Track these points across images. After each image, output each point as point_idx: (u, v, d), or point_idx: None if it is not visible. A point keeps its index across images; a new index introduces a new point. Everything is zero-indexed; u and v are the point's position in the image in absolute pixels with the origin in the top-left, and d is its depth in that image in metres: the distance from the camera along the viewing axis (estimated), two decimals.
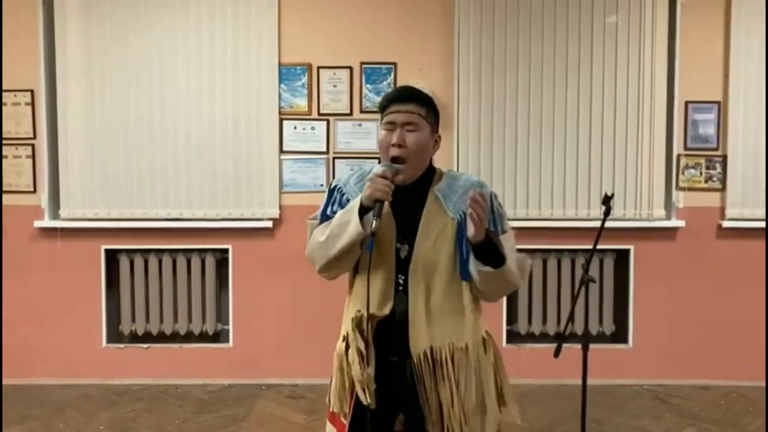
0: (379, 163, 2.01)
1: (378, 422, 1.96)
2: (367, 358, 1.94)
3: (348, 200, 1.98)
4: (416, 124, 1.93)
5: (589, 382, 4.15)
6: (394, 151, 1.90)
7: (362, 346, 1.93)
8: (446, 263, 1.92)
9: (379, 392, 1.94)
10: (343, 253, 1.91)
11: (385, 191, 1.84)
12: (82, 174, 4.39)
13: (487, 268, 1.84)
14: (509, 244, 1.93)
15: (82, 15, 4.34)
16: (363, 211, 1.87)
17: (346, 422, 2.00)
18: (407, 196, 1.95)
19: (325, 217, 2.02)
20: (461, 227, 1.90)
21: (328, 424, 2.10)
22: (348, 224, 1.87)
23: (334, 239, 1.90)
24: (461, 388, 1.92)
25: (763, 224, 4.38)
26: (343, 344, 2.00)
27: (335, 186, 2.06)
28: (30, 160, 4.41)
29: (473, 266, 1.88)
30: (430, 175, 2.01)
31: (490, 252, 1.83)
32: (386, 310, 1.93)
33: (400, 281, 1.94)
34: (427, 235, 1.93)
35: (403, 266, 1.94)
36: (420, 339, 1.92)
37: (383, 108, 1.98)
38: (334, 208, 2.00)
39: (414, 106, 1.94)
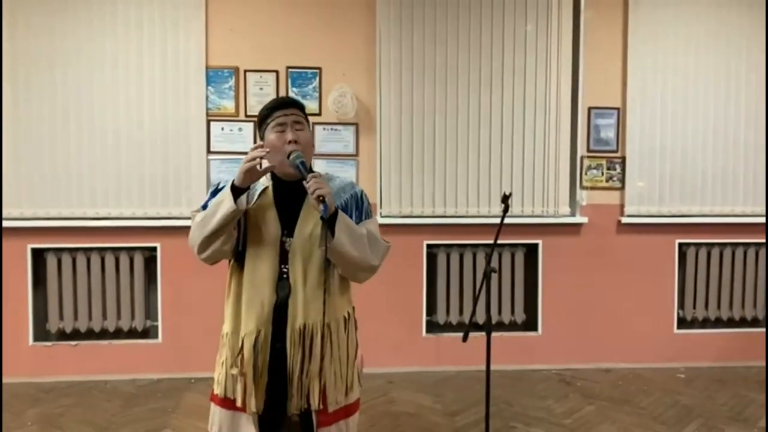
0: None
1: (272, 404, 2.21)
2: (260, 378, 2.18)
3: None
4: (302, 123, 2.21)
5: (503, 367, 4.52)
6: (291, 146, 2.14)
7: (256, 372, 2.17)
8: (319, 252, 2.16)
9: (270, 380, 2.19)
10: (217, 230, 2.09)
11: (252, 157, 2.04)
12: (8, 173, 4.40)
13: (322, 248, 2.10)
14: (367, 227, 2.21)
15: (8, 12, 4.35)
16: (236, 191, 2.08)
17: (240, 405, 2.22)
18: (291, 194, 2.19)
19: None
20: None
21: (220, 410, 2.28)
22: (221, 204, 2.08)
23: (209, 218, 2.10)
24: (325, 361, 2.17)
25: (659, 220, 4.80)
26: (241, 348, 2.19)
27: (219, 184, 2.25)
28: None
29: (320, 244, 2.13)
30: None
31: (332, 226, 2.07)
32: (270, 306, 2.17)
33: (284, 270, 2.18)
34: (305, 226, 2.18)
35: (287, 257, 2.18)
36: (296, 318, 2.16)
37: (267, 116, 2.20)
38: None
39: (296, 110, 2.22)
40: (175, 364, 4.57)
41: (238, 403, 2.19)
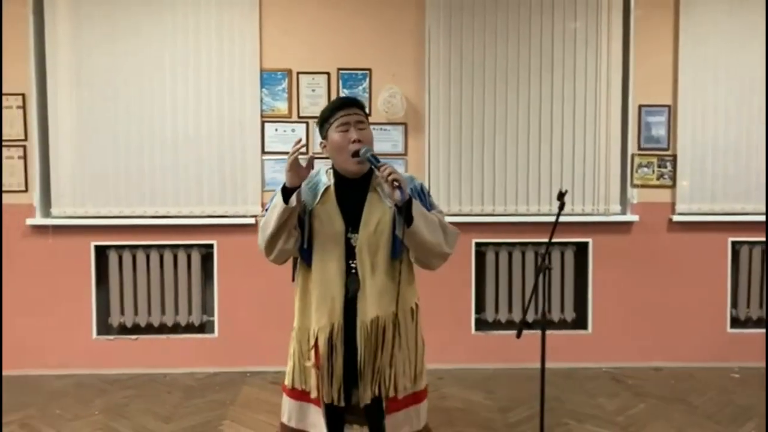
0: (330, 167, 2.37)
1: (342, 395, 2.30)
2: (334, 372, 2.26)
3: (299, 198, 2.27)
4: (363, 122, 2.29)
5: (552, 365, 4.53)
6: (356, 146, 2.22)
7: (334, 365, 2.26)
8: (385, 245, 2.25)
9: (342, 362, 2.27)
10: (276, 232, 2.21)
11: (291, 153, 2.17)
12: (73, 174, 4.60)
13: (401, 231, 2.17)
14: (436, 215, 2.28)
15: (72, 21, 4.55)
16: (287, 192, 2.18)
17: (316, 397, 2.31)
18: (353, 190, 2.28)
19: None
20: (395, 208, 2.21)
21: (291, 400, 2.38)
22: (275, 206, 2.20)
23: (268, 222, 2.23)
24: (395, 349, 2.25)
25: (711, 218, 4.75)
26: (315, 343, 2.28)
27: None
28: (22, 161, 4.60)
29: (398, 230, 2.20)
30: (371, 171, 2.33)
31: (409, 215, 2.14)
32: (341, 299, 2.26)
33: (353, 266, 2.25)
34: (370, 221, 2.25)
35: (353, 252, 2.26)
36: (368, 310, 2.24)
37: (329, 116, 2.28)
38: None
39: (358, 109, 2.31)
40: (231, 358, 4.71)
41: (312, 395, 2.28)
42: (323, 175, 2.36)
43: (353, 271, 2.25)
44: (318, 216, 2.27)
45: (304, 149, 2.20)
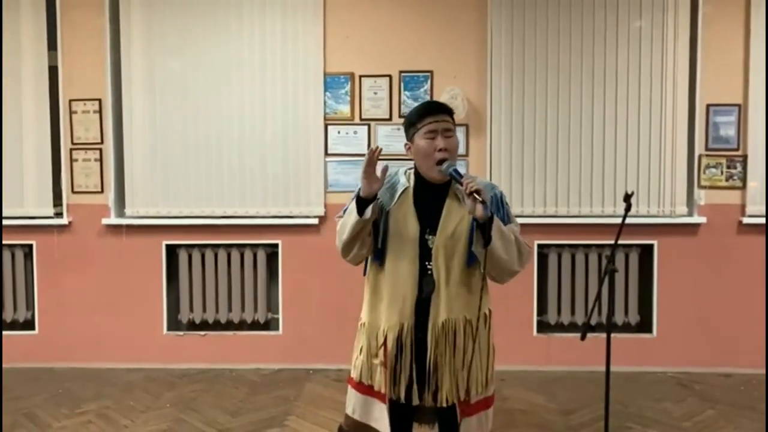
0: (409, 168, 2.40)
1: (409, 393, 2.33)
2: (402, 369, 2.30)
3: (377, 199, 2.30)
4: (451, 130, 2.29)
5: (616, 369, 4.44)
6: (441, 154, 2.24)
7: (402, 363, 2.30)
8: (461, 252, 2.26)
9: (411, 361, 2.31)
10: (351, 239, 2.27)
11: (367, 160, 2.18)
12: (145, 175, 4.80)
13: (479, 249, 2.18)
14: (513, 230, 2.27)
15: (145, 30, 4.75)
16: (361, 201, 2.22)
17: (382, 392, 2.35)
18: (432, 193, 2.30)
19: None
20: (474, 221, 2.22)
21: (357, 394, 2.43)
22: (351, 214, 2.25)
23: (344, 227, 2.30)
24: (467, 354, 2.27)
25: None
26: (384, 341, 2.32)
27: (359, 188, 2.36)
28: (98, 164, 4.82)
29: (474, 245, 2.21)
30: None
31: (486, 233, 2.15)
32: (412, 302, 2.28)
33: (428, 267, 2.28)
34: (448, 226, 2.27)
35: (430, 254, 2.28)
36: (439, 313, 2.27)
37: (417, 121, 2.29)
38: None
39: (447, 116, 2.30)
40: (295, 355, 4.82)
41: (381, 390, 2.33)
42: (402, 176, 2.39)
43: (429, 272, 2.28)
44: (394, 217, 2.30)
45: (380, 155, 2.21)
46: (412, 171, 2.38)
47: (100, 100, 4.79)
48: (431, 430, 2.56)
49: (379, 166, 2.25)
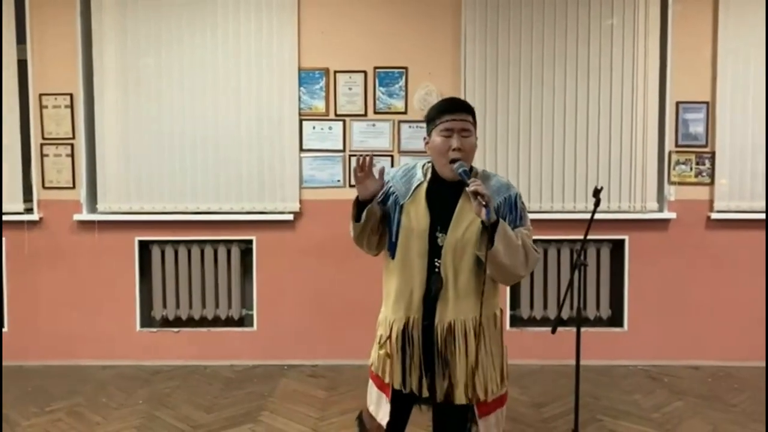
0: (424, 162, 2.41)
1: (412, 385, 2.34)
2: (411, 363, 2.31)
3: (393, 191, 2.34)
4: (469, 130, 2.27)
5: (588, 362, 4.54)
6: (455, 154, 2.23)
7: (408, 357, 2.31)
8: (471, 252, 2.24)
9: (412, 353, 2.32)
10: (356, 236, 2.34)
11: (356, 178, 2.25)
12: (118, 171, 4.75)
13: (482, 251, 2.17)
14: (522, 234, 2.25)
15: (118, 24, 4.70)
16: (360, 203, 2.27)
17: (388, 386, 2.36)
18: (447, 191, 2.29)
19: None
20: (482, 223, 2.20)
21: (373, 387, 2.46)
22: (351, 214, 2.32)
23: (351, 227, 2.35)
24: (480, 355, 2.27)
25: (749, 215, 4.70)
26: (389, 332, 2.34)
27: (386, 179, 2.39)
28: (69, 159, 4.76)
29: (478, 247, 2.21)
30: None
31: (492, 236, 2.14)
32: (420, 299, 2.29)
33: (437, 264, 2.27)
34: (459, 225, 2.26)
35: (440, 252, 2.27)
36: (446, 313, 2.26)
37: (435, 117, 2.29)
38: (379, 197, 2.34)
39: (466, 115, 2.28)
40: (270, 352, 4.81)
41: (386, 380, 2.34)
42: (419, 169, 2.38)
43: (437, 269, 2.27)
44: (407, 212, 2.30)
45: (372, 161, 2.25)
46: (430, 166, 2.36)
47: (71, 95, 4.74)
48: (426, 413, 2.55)
49: (376, 169, 2.29)
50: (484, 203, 2.07)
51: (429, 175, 2.35)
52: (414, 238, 2.27)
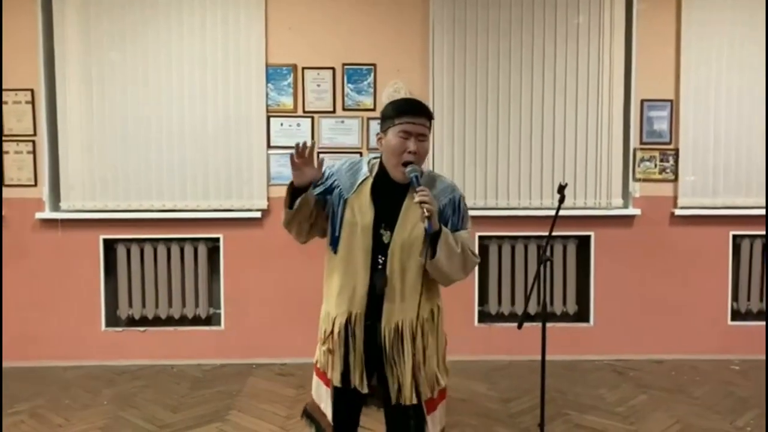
0: (367, 160, 2.39)
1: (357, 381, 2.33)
2: (356, 359, 2.30)
3: (337, 185, 2.33)
4: (425, 135, 2.28)
5: (554, 357, 4.59)
6: (409, 157, 2.23)
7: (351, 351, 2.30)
8: (418, 250, 2.26)
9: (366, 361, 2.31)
10: (287, 222, 2.31)
11: (293, 164, 2.22)
12: (82, 168, 4.67)
13: (424, 260, 2.20)
14: (463, 238, 2.28)
15: (80, 17, 4.61)
16: (295, 189, 2.25)
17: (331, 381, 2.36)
18: (393, 188, 2.30)
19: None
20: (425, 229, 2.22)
21: (316, 377, 2.47)
22: (284, 200, 2.29)
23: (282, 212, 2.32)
24: (428, 352, 2.30)
25: (712, 212, 4.80)
26: (332, 328, 2.33)
27: (325, 170, 2.36)
28: (31, 156, 4.67)
29: (421, 254, 2.23)
30: None
31: (434, 244, 2.17)
32: (364, 293, 2.28)
33: (380, 261, 2.28)
34: (405, 225, 2.27)
35: (384, 249, 2.27)
36: (393, 313, 2.27)
37: (394, 116, 2.27)
38: (317, 188, 2.32)
39: (425, 120, 2.28)
40: (238, 350, 4.77)
41: (328, 376, 2.34)
42: (365, 164, 2.36)
43: (380, 266, 2.27)
44: (351, 206, 2.28)
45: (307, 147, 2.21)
46: (377, 162, 2.35)
47: (32, 90, 4.64)
48: (377, 412, 2.56)
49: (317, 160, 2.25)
50: (427, 215, 2.10)
51: (375, 171, 2.34)
52: (357, 233, 2.27)
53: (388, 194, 2.30)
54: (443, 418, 2.43)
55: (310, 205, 2.27)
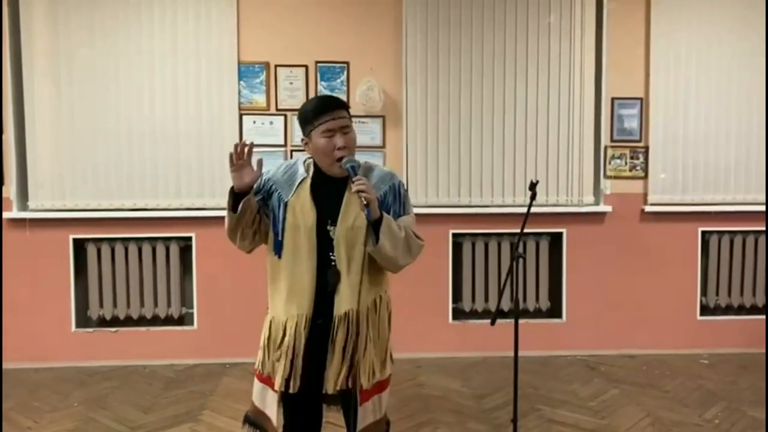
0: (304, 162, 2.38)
1: (309, 382, 2.31)
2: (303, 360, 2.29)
3: (275, 188, 2.31)
4: (348, 126, 2.28)
5: (527, 353, 4.62)
6: (341, 153, 2.23)
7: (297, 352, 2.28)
8: (362, 240, 2.26)
9: (307, 351, 2.29)
10: (230, 230, 2.27)
11: (232, 166, 2.20)
12: (51, 167, 4.59)
13: (369, 246, 2.22)
14: (406, 223, 2.30)
15: (49, 14, 4.53)
16: (236, 195, 2.21)
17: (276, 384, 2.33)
18: (331, 186, 2.29)
19: None
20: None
21: (258, 383, 2.44)
22: (226, 208, 2.25)
23: (226, 217, 2.28)
24: (369, 342, 2.30)
25: (682, 208, 4.87)
26: (283, 333, 2.30)
27: (261, 176, 2.31)
28: None
29: (366, 243, 2.25)
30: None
31: (377, 231, 2.19)
32: (311, 291, 2.27)
33: (333, 258, 2.28)
34: (347, 216, 2.27)
35: (332, 245, 2.28)
36: (342, 303, 2.27)
37: (312, 119, 2.25)
38: (256, 195, 2.30)
39: (343, 112, 2.27)
40: (211, 350, 4.74)
41: (276, 383, 2.30)
42: (300, 165, 2.35)
43: (333, 263, 2.27)
44: (292, 208, 2.27)
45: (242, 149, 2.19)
46: (312, 161, 2.34)
47: None
48: (338, 412, 2.56)
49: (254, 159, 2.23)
50: (365, 203, 2.11)
51: (312, 171, 2.33)
52: (302, 235, 2.26)
53: (329, 190, 2.29)
54: (382, 408, 2.40)
55: (254, 210, 2.25)
